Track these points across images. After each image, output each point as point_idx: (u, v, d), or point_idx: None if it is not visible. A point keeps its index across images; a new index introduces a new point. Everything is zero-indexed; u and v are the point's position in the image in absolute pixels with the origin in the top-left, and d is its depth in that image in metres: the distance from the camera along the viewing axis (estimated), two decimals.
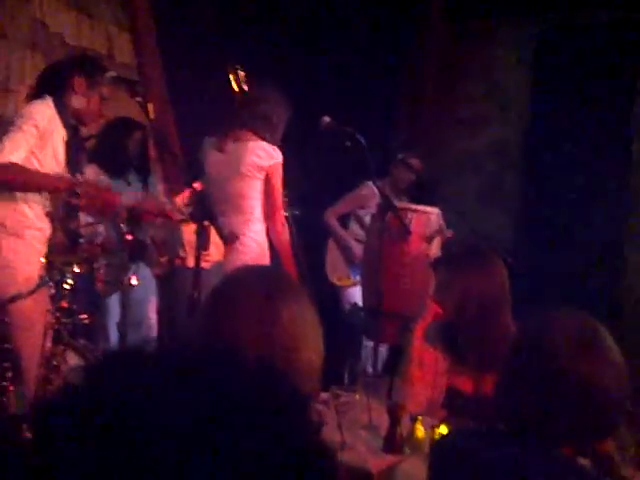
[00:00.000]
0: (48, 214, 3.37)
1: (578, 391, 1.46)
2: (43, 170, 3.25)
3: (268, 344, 1.40)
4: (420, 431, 2.35)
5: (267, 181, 3.57)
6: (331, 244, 5.03)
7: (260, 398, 0.63)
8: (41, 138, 3.21)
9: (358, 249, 4.70)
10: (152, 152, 4.60)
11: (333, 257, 5.00)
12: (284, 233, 3.63)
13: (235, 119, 3.62)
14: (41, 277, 3.26)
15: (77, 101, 3.31)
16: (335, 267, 4.97)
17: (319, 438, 0.69)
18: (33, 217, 3.29)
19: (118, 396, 0.62)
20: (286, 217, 3.71)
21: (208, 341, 1.30)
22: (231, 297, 1.49)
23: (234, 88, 3.71)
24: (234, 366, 0.66)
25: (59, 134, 3.31)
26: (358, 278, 4.63)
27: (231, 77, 3.68)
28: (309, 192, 5.22)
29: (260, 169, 3.55)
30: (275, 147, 3.59)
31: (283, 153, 3.63)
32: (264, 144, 3.57)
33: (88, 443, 0.60)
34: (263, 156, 3.54)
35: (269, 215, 3.62)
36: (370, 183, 4.42)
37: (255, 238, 3.60)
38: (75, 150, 3.40)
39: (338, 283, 4.92)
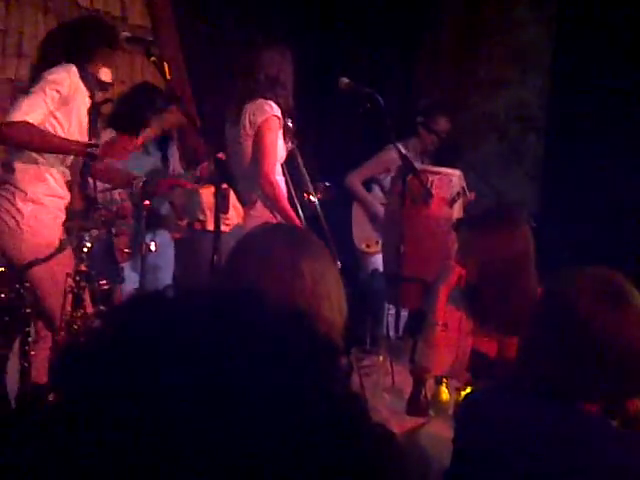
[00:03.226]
0: (67, 182, 3.37)
1: (603, 345, 1.43)
2: (67, 136, 3.25)
3: (291, 301, 1.36)
4: (445, 393, 2.32)
5: (257, 134, 3.46)
6: (356, 210, 4.90)
7: (290, 337, 0.60)
8: (64, 104, 3.20)
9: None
10: None
11: (359, 223, 4.87)
12: (272, 190, 3.46)
13: (243, 90, 3.54)
14: (61, 241, 3.27)
15: (105, 73, 3.32)
16: (362, 233, 4.85)
17: (350, 384, 0.66)
18: (54, 184, 3.30)
19: (143, 335, 0.59)
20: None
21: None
22: (253, 253, 1.46)
23: None
24: (262, 305, 0.63)
25: (84, 103, 3.32)
26: None
27: None
28: (328, 155, 5.16)
29: (254, 127, 3.47)
30: (269, 102, 3.47)
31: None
32: (259, 102, 3.47)
33: (112, 384, 0.57)
34: (257, 113, 3.46)
35: (258, 169, 3.48)
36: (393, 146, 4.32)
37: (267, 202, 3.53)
38: (94, 117, 3.40)
39: (366, 250, 4.82)
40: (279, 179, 3.56)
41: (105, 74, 3.34)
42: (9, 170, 3.27)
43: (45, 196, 3.27)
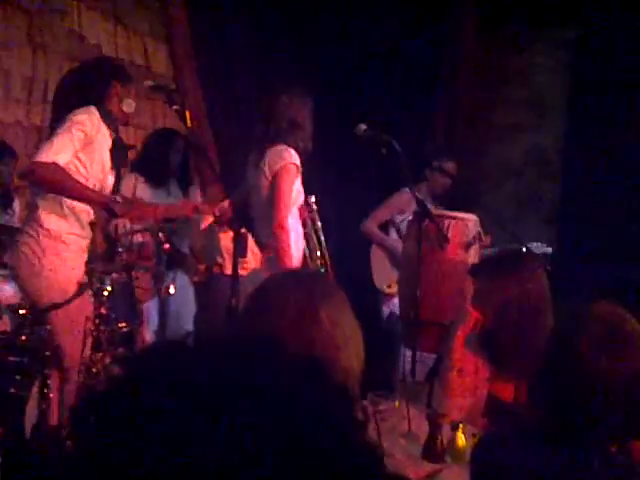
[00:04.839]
0: (91, 223, 3.42)
1: (611, 387, 1.42)
2: (89, 176, 3.31)
3: (308, 346, 1.38)
4: (461, 439, 2.30)
5: (274, 180, 3.54)
6: (374, 253, 4.92)
7: (305, 388, 0.61)
8: (88, 144, 3.27)
9: None
10: (191, 162, 4.63)
11: (379, 265, 4.90)
12: (282, 235, 3.52)
13: (265, 134, 3.62)
14: (80, 284, 3.30)
15: (129, 104, 3.40)
16: (383, 275, 4.87)
17: (365, 435, 0.67)
18: (76, 224, 3.35)
19: (159, 384, 0.61)
20: (309, 206, 3.64)
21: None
22: (271, 299, 1.48)
23: None
24: (277, 356, 0.65)
25: (106, 142, 3.38)
26: None
27: None
28: (345, 199, 5.21)
29: (271, 173, 3.55)
30: (289, 149, 3.55)
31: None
32: (279, 148, 3.56)
33: (127, 432, 0.58)
34: (276, 160, 3.54)
35: (272, 213, 3.55)
36: (407, 189, 4.38)
37: (293, 246, 3.59)
38: (118, 157, 3.46)
39: (388, 290, 4.83)
40: (292, 222, 3.61)
41: (128, 105, 3.41)
42: (33, 209, 3.33)
43: (68, 234, 3.31)
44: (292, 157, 3.54)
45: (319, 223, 3.69)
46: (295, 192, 3.62)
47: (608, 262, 5.28)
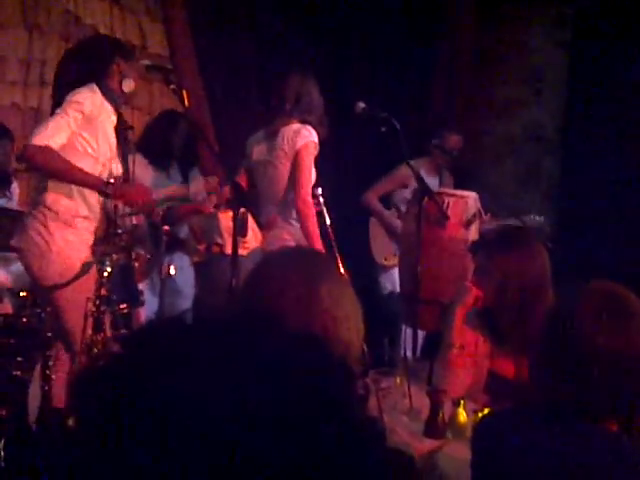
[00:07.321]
0: (101, 204, 3.40)
1: (609, 362, 1.42)
2: (98, 154, 3.27)
3: (308, 323, 1.38)
4: (462, 416, 2.32)
5: (296, 158, 3.56)
6: (373, 226, 4.95)
7: (306, 363, 0.61)
8: (89, 123, 3.21)
9: None
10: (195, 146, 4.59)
11: (377, 238, 4.94)
12: (307, 211, 3.55)
13: (280, 113, 3.63)
14: (85, 264, 3.28)
15: (128, 85, 3.33)
16: (381, 247, 4.90)
17: (366, 409, 0.67)
18: (84, 206, 3.30)
19: (158, 362, 0.61)
20: (316, 198, 3.65)
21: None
22: (271, 275, 1.48)
23: None
24: (277, 331, 0.65)
25: (109, 120, 3.32)
26: None
27: None
28: (344, 177, 5.20)
29: (292, 151, 3.55)
30: (308, 127, 3.57)
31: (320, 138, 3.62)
32: (296, 126, 3.58)
33: (126, 409, 0.58)
34: (295, 138, 3.55)
35: (295, 189, 3.58)
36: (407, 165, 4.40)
37: (296, 225, 3.61)
38: (122, 136, 3.43)
39: (386, 263, 4.87)
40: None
41: (128, 85, 3.37)
42: (42, 190, 3.26)
43: (76, 218, 3.27)
44: (312, 135, 3.58)
45: (327, 216, 3.67)
46: (313, 170, 3.64)
47: (606, 239, 5.28)
